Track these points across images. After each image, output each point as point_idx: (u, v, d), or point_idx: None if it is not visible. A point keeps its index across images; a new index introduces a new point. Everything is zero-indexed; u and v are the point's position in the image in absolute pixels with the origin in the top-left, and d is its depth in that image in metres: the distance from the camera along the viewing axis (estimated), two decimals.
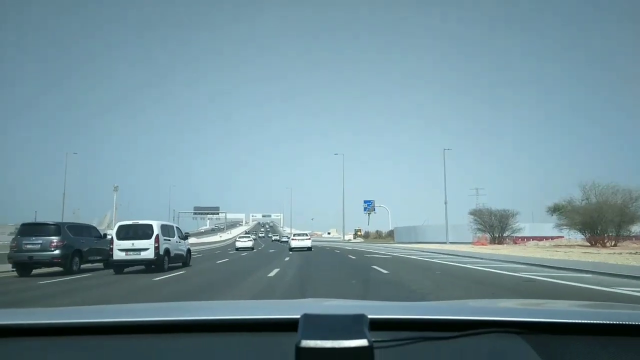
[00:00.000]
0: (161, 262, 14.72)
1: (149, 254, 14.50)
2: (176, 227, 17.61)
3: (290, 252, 27.68)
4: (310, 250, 31.86)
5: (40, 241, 14.18)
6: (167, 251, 15.22)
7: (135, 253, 14.49)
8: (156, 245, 14.57)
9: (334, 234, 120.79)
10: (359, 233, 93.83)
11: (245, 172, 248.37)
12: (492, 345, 0.94)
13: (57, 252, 14.18)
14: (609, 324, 1.00)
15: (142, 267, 15.28)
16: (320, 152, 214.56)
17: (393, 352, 0.88)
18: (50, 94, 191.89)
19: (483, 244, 38.20)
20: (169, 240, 15.74)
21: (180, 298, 8.25)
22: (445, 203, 47.70)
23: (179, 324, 1.09)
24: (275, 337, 1.00)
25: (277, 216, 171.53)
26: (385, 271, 13.01)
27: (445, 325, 1.03)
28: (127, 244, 14.53)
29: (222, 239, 78.92)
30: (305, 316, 0.82)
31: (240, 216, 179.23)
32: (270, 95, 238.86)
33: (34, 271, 14.75)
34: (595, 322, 1.02)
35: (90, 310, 1.47)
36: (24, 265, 14.25)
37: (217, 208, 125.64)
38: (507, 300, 2.75)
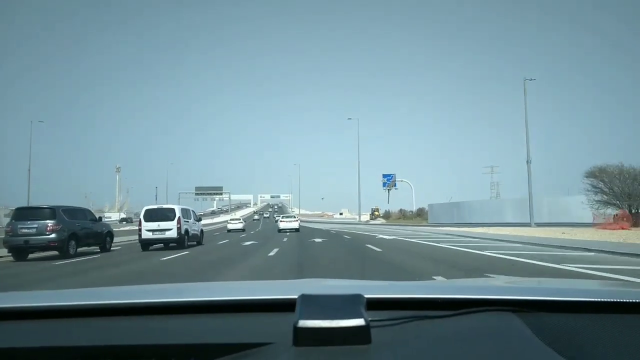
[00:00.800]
0: (182, 241, 17.19)
1: (173, 234, 16.89)
2: (192, 210, 19.92)
3: (279, 244, 18.36)
4: (298, 231, 30.97)
5: (35, 225, 14.14)
6: (186, 231, 17.64)
7: (160, 233, 16.87)
8: (178, 226, 17.00)
9: (347, 215, 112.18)
10: (376, 213, 78.66)
11: (254, 152, 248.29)
12: (487, 323, 0.94)
13: (53, 235, 14.15)
14: (603, 302, 1.02)
15: (161, 245, 17.44)
16: (330, 129, 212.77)
17: (389, 331, 0.89)
18: (39, 66, 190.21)
19: (624, 227, 22.05)
20: (188, 221, 18.01)
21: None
22: (529, 162, 30.61)
23: (177, 306, 1.10)
24: (273, 317, 1.01)
25: (286, 197, 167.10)
26: None
27: (440, 304, 1.04)
28: (154, 225, 16.89)
29: (214, 221, 75.14)
30: (303, 296, 0.83)
31: (248, 197, 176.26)
32: (277, 68, 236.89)
33: (30, 255, 14.74)
34: (589, 299, 1.03)
35: (86, 293, 1.48)
36: (20, 250, 14.26)
37: (219, 188, 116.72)
38: (501, 279, 2.81)
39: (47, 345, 0.92)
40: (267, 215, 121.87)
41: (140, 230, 17.06)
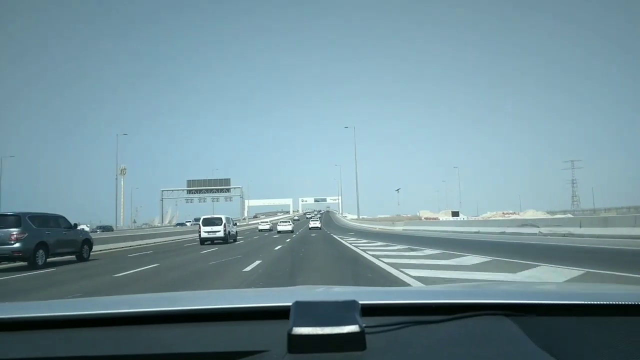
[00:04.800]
0: (227, 239, 27.19)
1: (220, 234, 26.92)
2: (232, 218, 30.72)
3: None
4: (292, 232, 34.18)
5: None
6: (229, 232, 27.69)
7: (212, 233, 26.87)
8: (224, 229, 27.01)
9: (464, 217, 71.12)
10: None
11: (299, 151, 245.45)
12: (481, 328, 0.97)
13: (17, 245, 13.61)
14: (595, 304, 1.04)
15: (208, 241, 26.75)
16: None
17: (384, 337, 0.90)
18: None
19: None
20: (229, 225, 28.14)
21: None
22: None
23: (170, 315, 1.11)
24: (267, 325, 1.03)
25: (334, 200, 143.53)
26: None
27: (435, 309, 1.06)
28: (208, 228, 26.98)
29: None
30: (297, 303, 0.86)
31: (287, 201, 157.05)
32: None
33: None
34: (583, 302, 1.06)
35: (81, 303, 1.49)
36: None
37: (226, 181, 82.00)
38: (495, 283, 2.96)
39: (36, 357, 0.93)
40: (309, 217, 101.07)
41: (200, 232, 27.28)
